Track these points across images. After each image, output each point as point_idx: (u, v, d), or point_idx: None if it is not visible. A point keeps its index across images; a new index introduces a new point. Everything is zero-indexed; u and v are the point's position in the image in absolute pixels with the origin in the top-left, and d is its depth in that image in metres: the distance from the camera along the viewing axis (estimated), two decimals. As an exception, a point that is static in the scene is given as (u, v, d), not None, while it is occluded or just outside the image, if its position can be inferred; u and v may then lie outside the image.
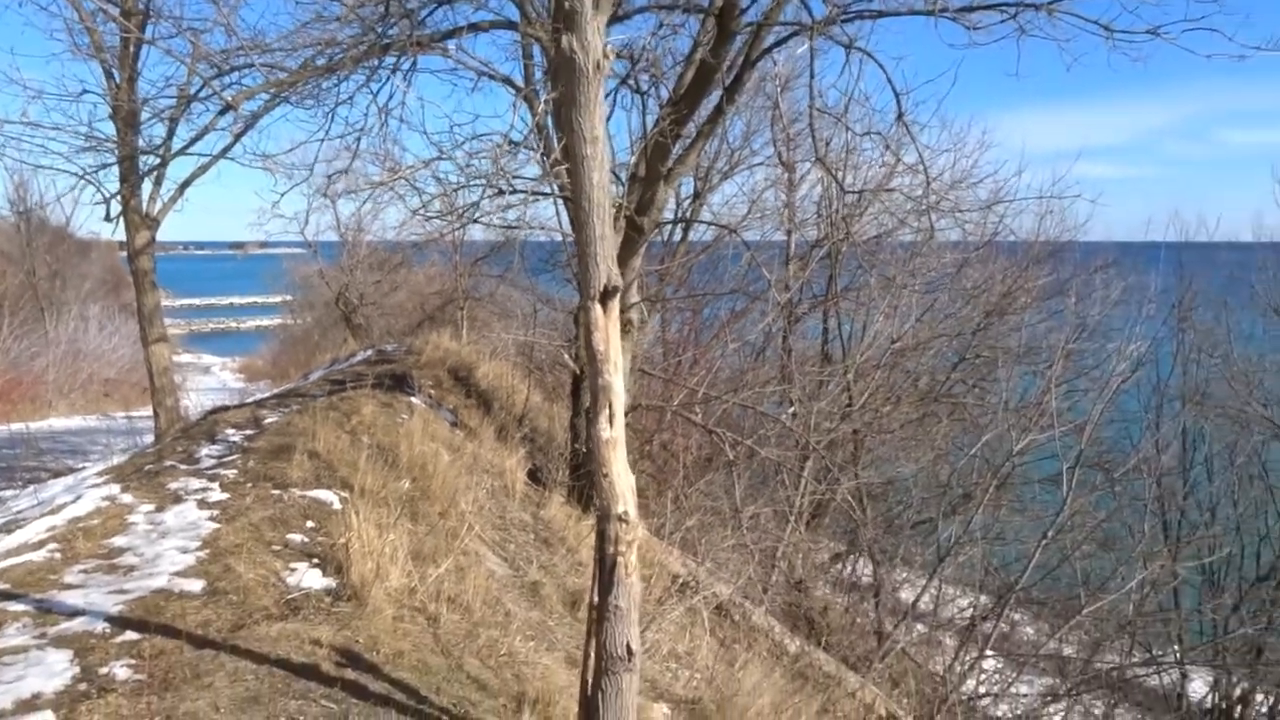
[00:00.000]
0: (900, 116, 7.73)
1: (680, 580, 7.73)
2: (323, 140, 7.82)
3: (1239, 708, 13.10)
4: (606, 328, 3.32)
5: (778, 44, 8.48)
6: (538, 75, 8.86)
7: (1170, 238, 14.96)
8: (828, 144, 12.03)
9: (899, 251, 13.79)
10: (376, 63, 7.45)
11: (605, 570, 3.41)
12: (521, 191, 8.37)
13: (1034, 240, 14.59)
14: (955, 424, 13.74)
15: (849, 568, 12.90)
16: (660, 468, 10.47)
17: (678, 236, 15.54)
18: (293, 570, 4.81)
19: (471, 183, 8.06)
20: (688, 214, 14.83)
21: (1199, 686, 13.42)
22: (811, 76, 7.60)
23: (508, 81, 8.40)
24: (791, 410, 10.95)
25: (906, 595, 11.60)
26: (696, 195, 15.00)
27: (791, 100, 13.02)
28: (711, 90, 8.39)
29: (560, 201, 8.87)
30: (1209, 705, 13.26)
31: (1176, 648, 12.78)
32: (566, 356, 10.23)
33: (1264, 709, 13.18)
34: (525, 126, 7.59)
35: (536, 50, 8.78)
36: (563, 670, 4.73)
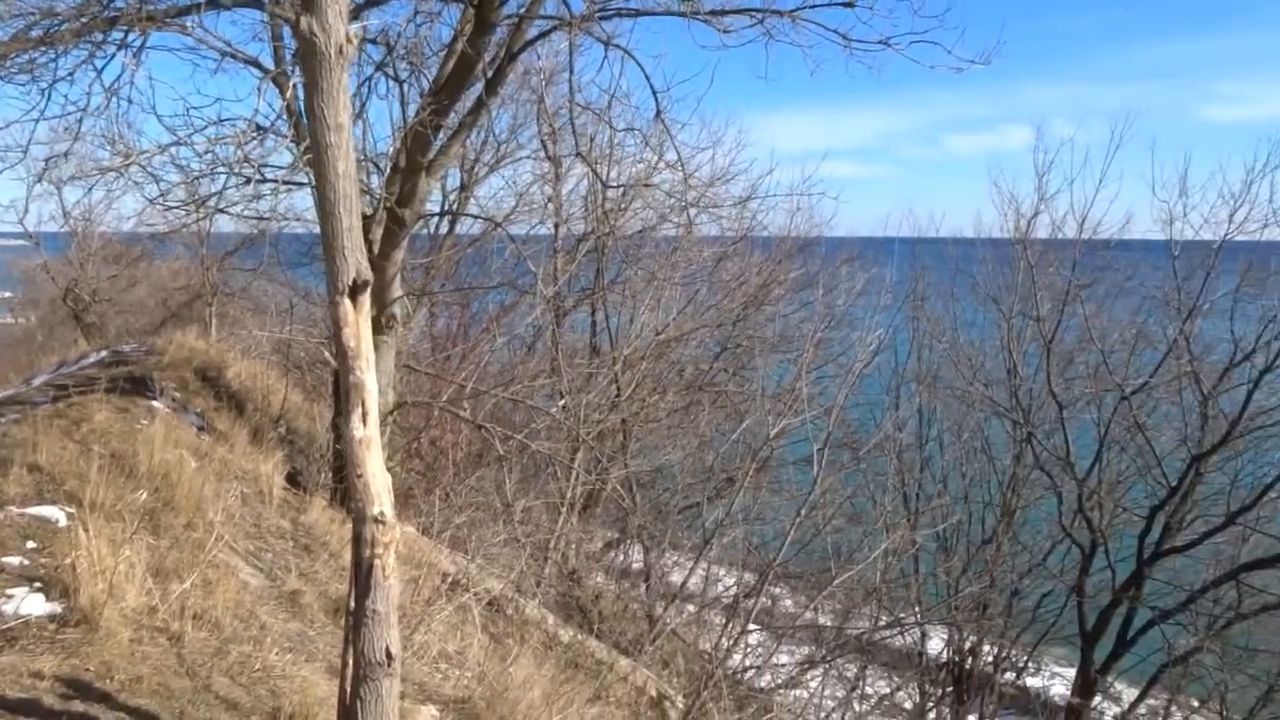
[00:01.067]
0: (659, 114, 7.96)
1: (450, 578, 7.60)
2: (38, 120, 7.05)
3: (969, 659, 14.50)
4: (357, 323, 3.20)
5: (539, 37, 8.50)
6: (289, 58, 8.42)
7: (905, 233, 16.33)
8: (591, 139, 12.21)
9: (662, 245, 14.21)
10: (101, 37, 6.81)
11: (362, 574, 3.30)
12: (272, 181, 7.92)
13: (786, 235, 15.46)
14: (718, 411, 14.34)
15: (621, 555, 13.18)
16: (430, 465, 10.26)
17: (445, 229, 15.28)
18: (9, 598, 4.33)
19: (216, 171, 7.56)
20: (454, 206, 14.60)
21: (936, 643, 14.73)
22: (571, 71, 7.69)
23: (255, 63, 7.91)
24: (562, 403, 11.03)
25: (676, 578, 11.99)
26: (463, 187, 14.79)
27: (557, 95, 13.07)
28: (473, 82, 8.28)
29: (315, 191, 8.46)
30: (945, 659, 14.59)
31: (917, 609, 13.94)
32: (327, 354, 9.81)
33: (989, 657, 14.66)
34: (273, 111, 7.19)
35: (287, 31, 8.34)
36: (323, 681, 4.54)
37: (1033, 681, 16.34)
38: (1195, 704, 15.26)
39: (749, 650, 10.95)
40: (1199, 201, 13.22)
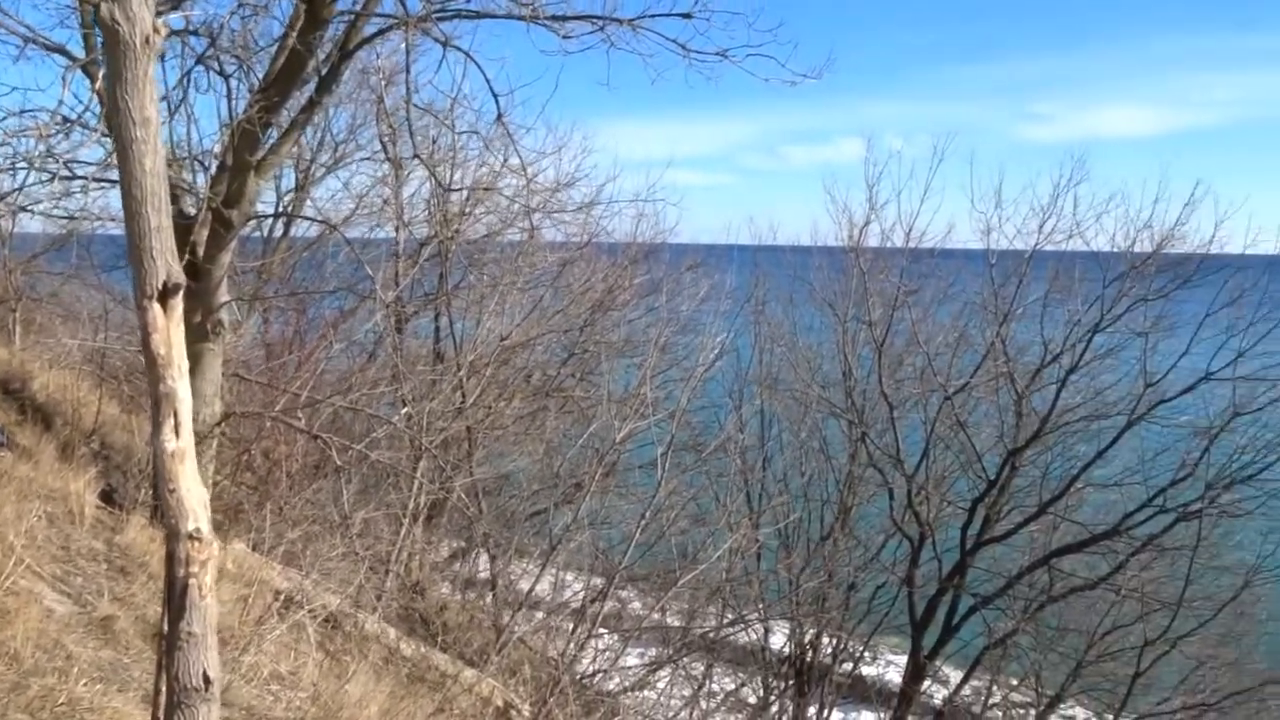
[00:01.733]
0: (500, 117, 7.89)
1: (284, 596, 7.28)
2: None
3: (810, 652, 15.00)
4: (168, 329, 3.02)
5: (376, 36, 8.27)
6: (100, 45, 7.89)
7: (745, 241, 16.78)
8: (434, 141, 11.99)
9: (507, 250, 14.09)
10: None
11: (176, 594, 3.11)
12: (81, 178, 7.39)
13: (631, 242, 15.62)
14: (565, 416, 14.32)
15: (467, 564, 12.97)
16: (262, 478, 9.79)
17: (279, 232, 14.69)
18: None
19: (17, 165, 7.00)
20: (289, 208, 14.06)
21: (779, 638, 15.17)
22: (407, 72, 7.52)
23: (61, 51, 7.38)
24: (404, 411, 10.75)
25: (524, 585, 11.89)
26: (298, 188, 14.27)
27: (396, 95, 12.77)
28: (306, 79, 7.98)
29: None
30: (787, 653, 15.05)
31: (760, 606, 14.33)
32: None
33: (828, 650, 15.21)
34: (81, 103, 6.71)
35: (98, 19, 7.80)
36: (137, 712, 4.26)
37: (869, 670, 17.07)
38: (1014, 682, 16.29)
39: (597, 654, 10.97)
40: (1013, 213, 14.18)
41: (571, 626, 10.39)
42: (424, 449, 9.72)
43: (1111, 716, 14.65)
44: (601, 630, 10.92)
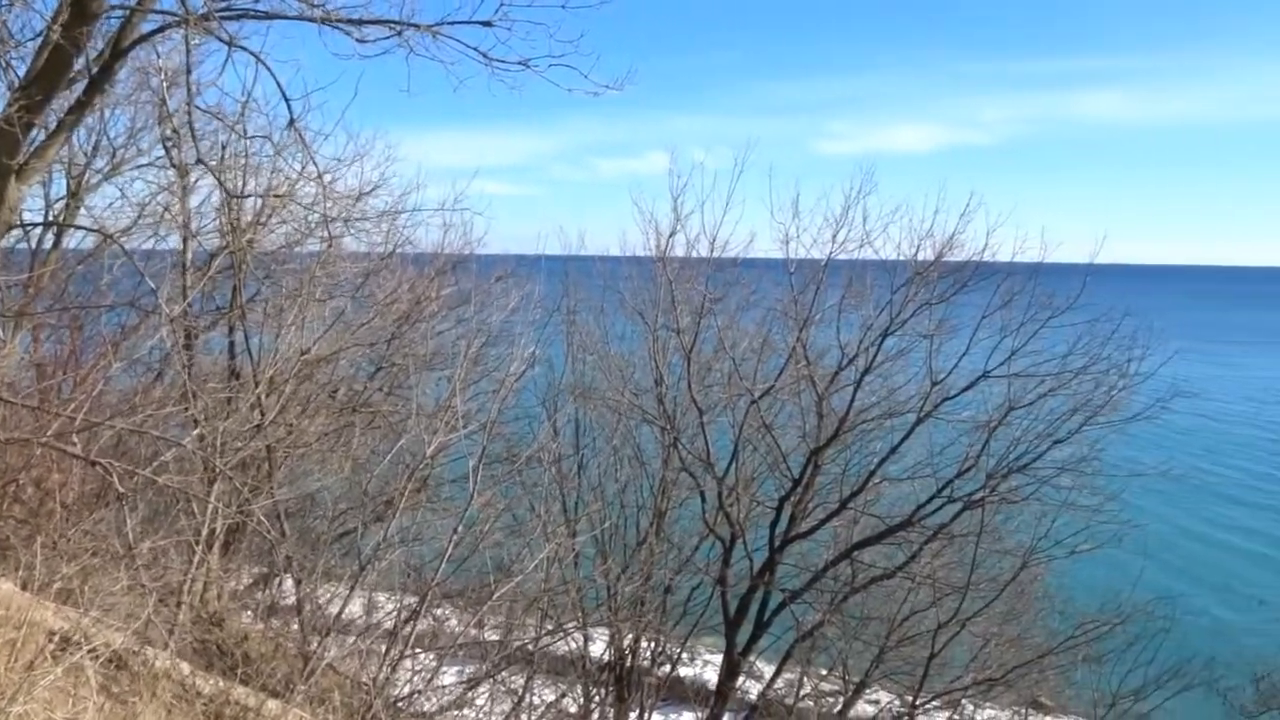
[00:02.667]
0: (293, 123, 7.57)
1: (59, 636, 6.70)
2: None
3: (629, 657, 15.17)
4: (-101, 345, 2.72)
5: (154, 34, 7.76)
6: None
7: (555, 251, 16.79)
8: (223, 147, 11.36)
9: (306, 260, 13.54)
10: None
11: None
12: None
13: (439, 252, 15.35)
14: (373, 432, 13.90)
15: (271, 591, 12.34)
16: (33, 510, 8.96)
17: (50, 243, 13.57)
18: None
19: None
20: (59, 217, 13.01)
21: (598, 646, 15.26)
22: (188, 73, 7.10)
23: None
24: (196, 432, 10.12)
25: (334, 609, 11.43)
26: (71, 195, 13.24)
27: (181, 97, 12.06)
28: (74, 78, 7.41)
29: None
30: (607, 659, 15.16)
31: (579, 614, 14.36)
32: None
33: (647, 654, 15.44)
34: None
35: None
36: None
37: (687, 671, 17.45)
38: (823, 673, 17.06)
39: (413, 675, 10.67)
40: (809, 224, 14.81)
41: (384, 648, 10.06)
42: (219, 471, 9.17)
43: (911, 697, 15.60)
44: (416, 650, 10.62)
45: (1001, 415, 14.12)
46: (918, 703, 15.62)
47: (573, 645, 15.44)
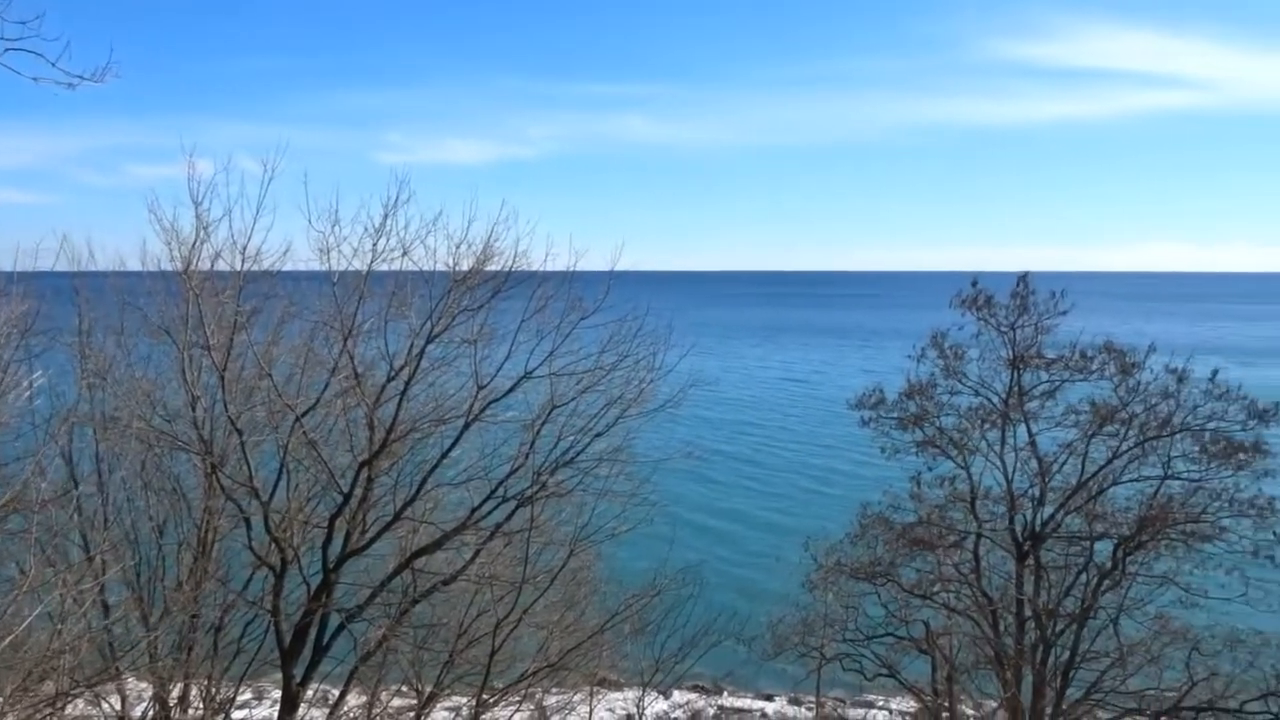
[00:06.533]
0: None
1: None
2: None
3: (178, 707, 13.87)
4: None
5: None
6: None
7: (63, 266, 14.68)
8: None
9: None
10: None
11: None
12: None
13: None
14: None
15: None
16: None
17: None
18: None
19: None
20: None
21: (140, 705, 13.77)
22: None
23: None
24: None
25: None
26: None
27: None
28: None
29: None
30: (151, 715, 13.72)
31: (112, 669, 12.85)
32: None
33: (198, 701, 14.20)
34: None
35: None
36: None
37: (247, 714, 16.35)
38: (402, 689, 16.89)
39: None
40: (350, 233, 14.42)
41: None
42: None
43: (481, 697, 15.99)
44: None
45: (546, 414, 14.89)
46: (489, 699, 16.06)
47: (107, 707, 13.85)
